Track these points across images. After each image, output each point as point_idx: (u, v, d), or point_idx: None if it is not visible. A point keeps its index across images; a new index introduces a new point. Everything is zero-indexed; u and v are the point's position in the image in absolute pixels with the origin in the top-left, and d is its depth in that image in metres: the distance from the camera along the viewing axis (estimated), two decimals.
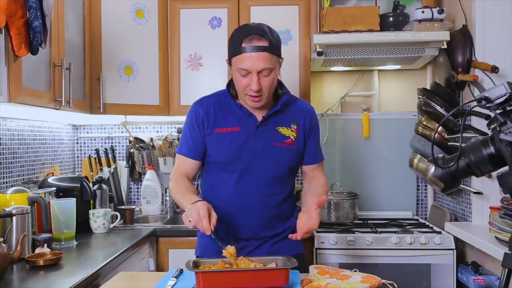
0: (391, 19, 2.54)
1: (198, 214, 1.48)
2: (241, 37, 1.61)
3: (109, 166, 2.98)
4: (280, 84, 1.77)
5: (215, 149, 1.75)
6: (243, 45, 1.60)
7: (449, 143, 2.40)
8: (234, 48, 1.63)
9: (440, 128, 2.40)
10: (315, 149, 1.85)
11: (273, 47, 1.62)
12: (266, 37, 1.61)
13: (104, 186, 2.55)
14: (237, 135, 1.72)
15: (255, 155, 1.72)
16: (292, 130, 1.76)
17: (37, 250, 1.85)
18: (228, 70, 2.69)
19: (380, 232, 2.41)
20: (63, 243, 2.06)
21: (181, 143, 1.82)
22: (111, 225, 2.43)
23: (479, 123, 2.26)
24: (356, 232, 2.42)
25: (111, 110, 2.58)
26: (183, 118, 2.85)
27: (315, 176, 1.86)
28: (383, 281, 1.39)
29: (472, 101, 1.23)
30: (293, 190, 1.87)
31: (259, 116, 1.74)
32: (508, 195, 1.75)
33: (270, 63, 1.61)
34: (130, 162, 3.04)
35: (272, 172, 1.74)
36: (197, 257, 1.83)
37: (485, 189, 2.28)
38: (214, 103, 1.77)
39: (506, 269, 1.19)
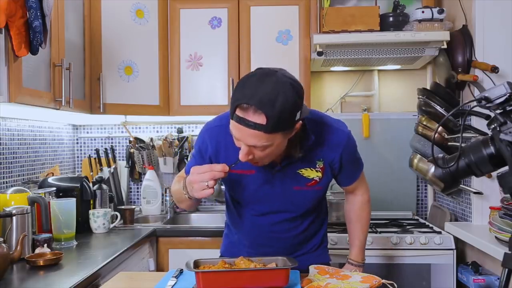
0: (391, 19, 2.54)
1: (201, 174, 1.33)
2: (239, 100, 1.26)
3: (109, 166, 2.98)
4: (300, 138, 1.45)
5: (229, 188, 1.62)
6: (237, 112, 1.27)
7: (449, 143, 2.40)
8: (231, 107, 1.30)
9: (440, 128, 2.40)
10: (351, 170, 1.63)
11: (273, 125, 1.24)
12: (264, 112, 1.23)
13: (104, 186, 2.55)
14: (252, 179, 1.52)
15: (272, 199, 1.55)
16: (317, 170, 1.52)
17: (37, 250, 1.85)
18: (228, 70, 2.71)
19: (380, 232, 2.41)
20: (63, 243, 2.06)
21: (190, 161, 1.61)
22: (111, 225, 2.43)
23: (479, 123, 2.26)
24: None
25: (111, 110, 2.58)
26: (183, 118, 2.91)
27: (355, 191, 1.72)
28: (383, 281, 1.38)
29: (472, 101, 1.22)
30: (324, 208, 1.72)
31: (278, 158, 1.48)
32: (508, 195, 1.75)
33: (265, 141, 1.28)
34: (130, 162, 3.04)
35: (293, 212, 1.59)
36: (220, 255, 1.76)
37: (485, 189, 2.28)
38: (225, 137, 1.47)
39: (506, 269, 1.19)
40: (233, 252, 1.68)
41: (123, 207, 2.67)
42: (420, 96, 2.54)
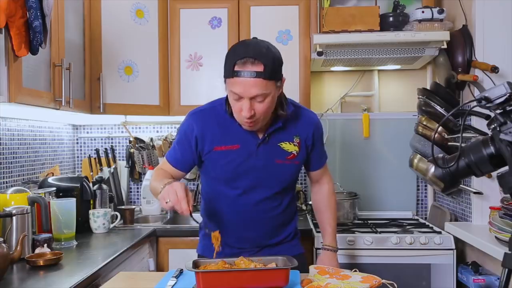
0: (391, 19, 2.54)
1: (175, 196, 1.44)
2: (235, 59, 1.48)
3: (109, 166, 2.98)
4: (281, 101, 1.65)
5: (214, 166, 1.70)
6: (236, 68, 1.47)
7: (449, 143, 2.40)
8: (227, 70, 1.51)
9: (440, 128, 2.40)
10: (319, 155, 1.82)
11: (269, 71, 1.47)
12: (261, 61, 1.46)
13: (104, 186, 2.55)
14: (237, 154, 1.65)
15: (256, 173, 1.67)
16: (294, 145, 1.70)
17: (37, 250, 1.85)
18: None
19: (380, 232, 2.41)
20: (63, 243, 2.06)
21: (171, 150, 1.76)
22: (111, 225, 2.43)
23: (479, 123, 2.26)
24: (356, 232, 2.42)
25: (111, 110, 2.58)
26: (183, 118, 2.89)
27: (320, 180, 1.88)
28: (383, 281, 1.39)
29: (472, 101, 1.22)
30: (295, 195, 1.85)
31: (260, 133, 1.66)
32: (508, 195, 1.75)
33: (264, 89, 1.48)
34: (130, 162, 3.04)
35: (274, 187, 1.71)
36: (198, 256, 1.83)
37: (485, 189, 2.28)
38: (211, 118, 1.68)
39: (506, 269, 1.19)
40: (212, 249, 1.70)
41: (123, 207, 2.66)
42: (420, 96, 2.54)
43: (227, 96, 1.63)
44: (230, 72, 1.49)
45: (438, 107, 2.40)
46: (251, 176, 1.67)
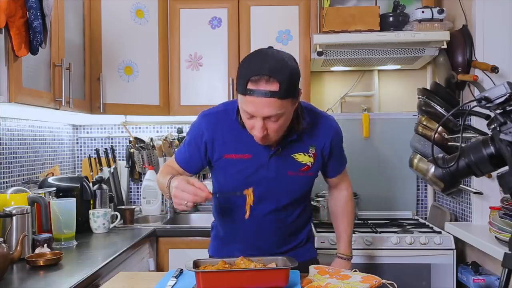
0: (391, 19, 2.54)
1: (187, 194, 1.38)
2: (249, 74, 1.35)
3: (109, 166, 2.98)
4: (297, 114, 1.53)
5: (224, 174, 1.63)
6: (249, 86, 1.35)
7: (449, 143, 2.40)
8: (240, 86, 1.38)
9: (440, 128, 2.40)
10: (338, 161, 1.73)
11: (284, 90, 1.34)
12: (276, 79, 1.33)
13: (104, 186, 2.55)
14: (248, 163, 1.57)
15: (266, 184, 1.58)
16: (309, 156, 1.60)
17: (37, 250, 1.85)
18: (228, 70, 2.71)
19: (380, 232, 2.41)
20: (63, 243, 2.06)
21: (180, 150, 1.69)
22: (111, 225, 2.43)
23: (479, 123, 2.26)
24: (356, 232, 2.42)
25: (111, 110, 2.58)
26: (183, 118, 2.90)
27: (338, 185, 1.81)
28: (383, 281, 1.39)
29: (472, 101, 1.22)
30: (310, 201, 1.78)
31: (273, 143, 1.55)
32: (508, 195, 1.75)
33: (278, 109, 1.37)
34: (130, 162, 3.04)
35: (285, 199, 1.63)
36: (210, 257, 1.78)
37: (485, 189, 2.28)
38: (224, 122, 1.57)
39: (506, 269, 1.19)
40: (224, 252, 1.69)
41: (123, 207, 2.66)
42: (420, 96, 2.54)
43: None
44: (243, 89, 1.37)
45: (438, 107, 2.40)
46: (261, 187, 1.56)
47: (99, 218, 2.34)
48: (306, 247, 1.76)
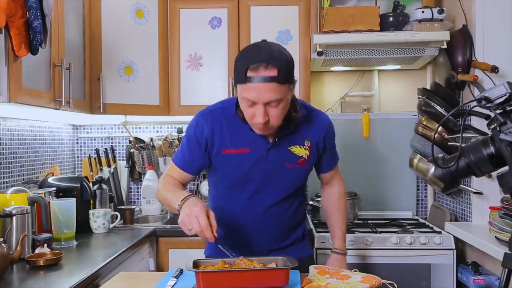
0: (391, 19, 2.54)
1: (198, 224, 1.40)
2: (247, 63, 1.42)
3: (109, 166, 2.98)
4: (293, 104, 1.60)
5: (223, 169, 1.65)
6: (249, 74, 1.41)
7: (449, 143, 2.40)
8: (239, 76, 1.45)
9: (440, 128, 2.40)
10: (331, 157, 1.78)
11: (283, 75, 1.42)
12: (274, 65, 1.40)
13: (104, 186, 2.55)
14: (246, 157, 1.61)
15: (265, 177, 1.63)
16: (305, 148, 1.65)
17: (37, 250, 1.85)
18: (228, 70, 2.71)
19: (380, 232, 2.41)
20: (63, 243, 2.06)
21: (179, 153, 1.69)
22: (111, 225, 2.43)
23: (479, 123, 2.26)
24: (356, 232, 2.42)
25: (111, 110, 2.58)
26: (183, 118, 2.90)
27: (331, 182, 1.85)
28: (383, 281, 1.39)
29: (472, 101, 1.22)
30: (304, 198, 1.81)
31: (270, 137, 1.61)
32: (508, 195, 1.75)
33: (278, 93, 1.43)
34: (130, 162, 3.04)
35: (284, 191, 1.67)
36: (206, 257, 1.79)
37: (485, 189, 2.28)
38: (221, 119, 1.62)
39: (506, 269, 1.19)
40: (222, 253, 1.69)
41: (123, 207, 2.66)
42: (420, 96, 2.54)
43: (237, 98, 1.57)
44: (242, 78, 1.43)
45: (438, 107, 2.40)
46: (260, 181, 1.62)
47: (99, 218, 2.34)
48: (303, 244, 1.80)
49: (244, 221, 1.67)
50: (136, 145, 2.99)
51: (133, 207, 2.66)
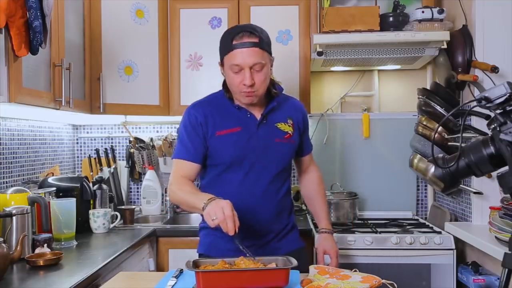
0: (391, 19, 2.54)
1: (222, 213, 1.44)
2: (232, 35, 1.65)
3: (109, 166, 2.98)
4: (273, 84, 1.79)
5: (218, 152, 1.74)
6: (234, 42, 1.64)
7: (449, 143, 2.40)
8: (226, 47, 1.67)
9: (440, 128, 2.40)
10: (308, 139, 1.97)
11: (264, 43, 1.66)
12: (256, 34, 1.64)
13: (104, 186, 2.55)
14: (238, 136, 1.73)
15: (258, 153, 1.74)
16: (289, 125, 1.81)
17: (37, 250, 1.85)
18: None
19: (380, 232, 2.41)
20: (63, 243, 2.06)
21: (179, 148, 1.77)
22: (111, 225, 2.43)
23: (479, 123, 2.26)
24: (356, 232, 2.42)
25: (111, 110, 2.58)
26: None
27: (308, 168, 2.01)
28: (383, 281, 1.39)
29: (472, 101, 1.23)
30: (290, 181, 1.91)
31: (258, 114, 1.77)
32: (508, 195, 1.75)
33: (261, 58, 1.64)
34: (130, 162, 3.04)
35: (275, 168, 1.78)
36: (199, 255, 1.83)
37: (485, 189, 2.28)
38: (210, 106, 1.77)
39: (506, 269, 1.20)
40: (220, 247, 1.73)
41: (123, 207, 2.66)
42: (420, 96, 2.54)
43: (224, 82, 1.78)
44: (228, 47, 1.65)
45: (438, 107, 2.40)
46: (253, 157, 1.73)
47: (99, 218, 2.34)
48: (293, 235, 1.88)
49: (240, 201, 1.67)
50: (136, 145, 2.99)
51: (133, 207, 2.66)
